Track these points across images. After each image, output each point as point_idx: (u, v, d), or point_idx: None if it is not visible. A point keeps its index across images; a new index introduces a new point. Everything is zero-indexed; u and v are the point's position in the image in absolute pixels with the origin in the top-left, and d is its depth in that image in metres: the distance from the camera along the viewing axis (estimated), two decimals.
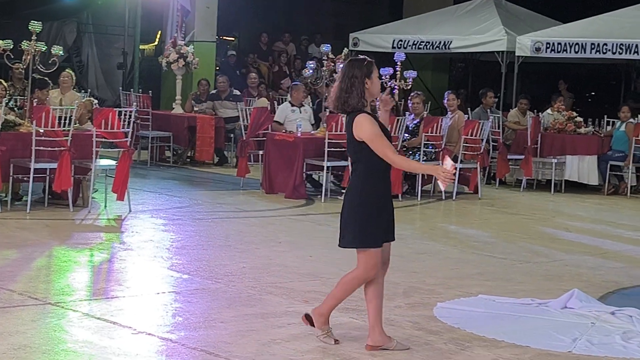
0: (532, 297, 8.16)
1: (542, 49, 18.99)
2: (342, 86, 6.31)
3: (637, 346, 6.85)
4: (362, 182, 6.35)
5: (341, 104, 6.34)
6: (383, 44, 21.48)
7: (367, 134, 6.24)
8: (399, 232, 11.18)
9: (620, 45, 18.20)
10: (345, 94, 6.28)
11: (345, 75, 6.32)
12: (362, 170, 6.34)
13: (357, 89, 6.27)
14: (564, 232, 12.07)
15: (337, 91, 6.34)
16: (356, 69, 6.31)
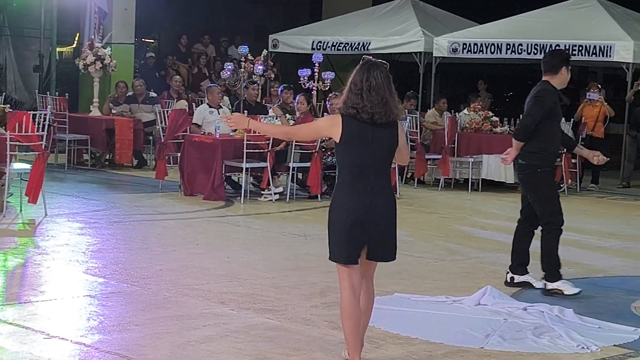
0: (446, 295, 8.28)
1: (459, 50, 19.22)
2: (391, 91, 5.78)
3: (548, 341, 6.98)
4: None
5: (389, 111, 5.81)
6: (302, 45, 21.55)
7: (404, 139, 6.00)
8: (317, 232, 11.33)
9: (535, 46, 18.50)
10: (394, 99, 5.82)
11: (388, 80, 5.78)
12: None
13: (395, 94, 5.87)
14: (480, 230, 12.24)
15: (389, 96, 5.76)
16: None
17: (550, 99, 8.63)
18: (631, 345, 6.98)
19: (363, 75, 5.78)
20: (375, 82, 5.74)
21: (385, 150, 5.85)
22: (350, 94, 5.80)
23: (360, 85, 5.77)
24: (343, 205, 5.82)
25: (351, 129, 5.80)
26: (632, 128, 17.66)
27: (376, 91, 5.74)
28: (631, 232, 12.57)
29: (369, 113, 5.75)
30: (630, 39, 17.72)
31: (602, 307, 8.19)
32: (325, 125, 6.01)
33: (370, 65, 5.82)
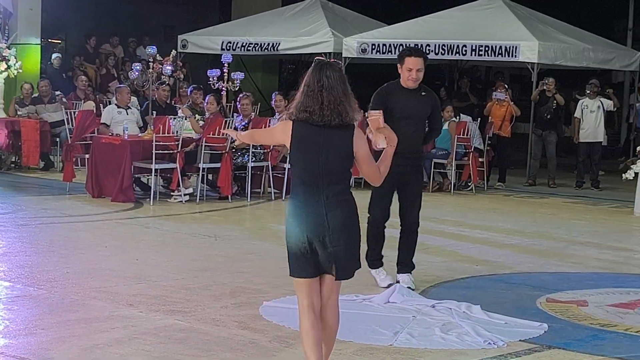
0: (356, 293, 8.31)
1: (367, 50, 19.35)
2: (345, 92, 5.43)
3: (456, 337, 7.07)
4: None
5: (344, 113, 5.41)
6: (212, 46, 21.47)
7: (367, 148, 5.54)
8: (227, 233, 11.29)
9: (443, 46, 18.72)
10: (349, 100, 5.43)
11: (342, 80, 5.45)
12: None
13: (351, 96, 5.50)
14: (390, 229, 12.26)
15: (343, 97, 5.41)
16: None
17: (380, 97, 8.65)
18: (537, 340, 7.10)
19: (315, 76, 5.38)
20: (328, 82, 5.36)
21: (340, 155, 5.41)
22: (303, 96, 5.39)
23: (312, 86, 5.36)
24: (296, 216, 5.42)
25: (301, 133, 5.39)
26: (537, 127, 17.97)
27: (329, 91, 5.35)
28: (537, 230, 12.79)
29: (321, 115, 5.35)
30: (534, 39, 18.04)
31: (509, 303, 8.31)
32: (278, 130, 5.58)
33: (322, 65, 5.45)
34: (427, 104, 8.65)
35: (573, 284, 9.24)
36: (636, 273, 10.09)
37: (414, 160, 8.57)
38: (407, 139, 8.33)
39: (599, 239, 12.20)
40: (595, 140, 17.74)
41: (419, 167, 8.80)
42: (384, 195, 8.65)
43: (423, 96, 8.63)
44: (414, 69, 8.48)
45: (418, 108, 8.59)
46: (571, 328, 7.53)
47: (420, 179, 8.88)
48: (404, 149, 8.33)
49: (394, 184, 8.44)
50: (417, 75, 8.50)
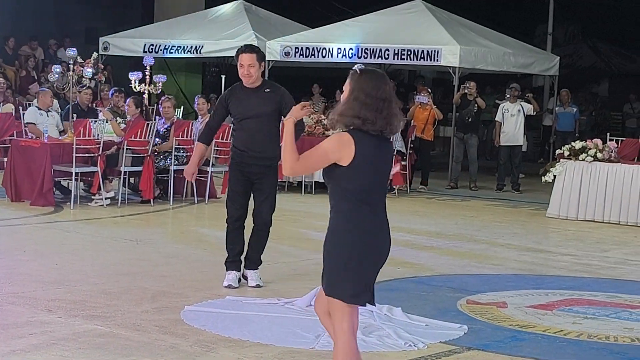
0: (278, 297, 8.31)
1: (291, 54, 19.37)
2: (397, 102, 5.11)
3: (377, 340, 7.10)
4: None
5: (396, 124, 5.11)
6: (134, 48, 21.31)
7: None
8: (149, 237, 11.21)
9: (366, 50, 18.83)
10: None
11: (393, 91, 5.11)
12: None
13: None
14: (313, 232, 12.33)
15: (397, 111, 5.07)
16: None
17: (220, 101, 8.77)
18: (456, 342, 7.17)
19: (376, 85, 4.99)
20: (386, 94, 5.00)
21: (387, 173, 5.20)
22: (362, 106, 4.94)
23: (373, 95, 4.95)
24: (361, 237, 5.04)
25: (364, 148, 4.95)
26: (459, 130, 18.16)
27: (389, 103, 5.00)
28: (458, 232, 12.91)
29: (380, 128, 4.99)
30: (456, 43, 18.22)
31: (430, 305, 8.38)
32: (333, 148, 4.96)
33: (378, 74, 5.08)
34: (272, 101, 8.58)
35: (493, 286, 9.35)
36: (554, 274, 10.25)
37: (263, 159, 8.58)
38: (253, 138, 8.51)
39: (519, 241, 12.37)
40: (516, 143, 17.98)
41: (270, 167, 8.68)
42: (237, 193, 8.71)
43: (267, 93, 8.61)
44: (245, 65, 8.49)
45: (260, 106, 8.56)
46: (490, 329, 7.61)
47: (272, 178, 8.76)
48: (251, 148, 8.54)
49: (246, 182, 8.62)
50: (250, 71, 8.50)
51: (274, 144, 8.58)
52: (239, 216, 8.76)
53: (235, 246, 8.84)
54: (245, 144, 8.62)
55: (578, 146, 14.58)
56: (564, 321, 7.98)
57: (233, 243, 8.84)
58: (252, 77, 8.51)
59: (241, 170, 8.67)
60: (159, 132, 14.33)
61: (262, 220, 8.77)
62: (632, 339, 7.49)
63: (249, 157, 8.53)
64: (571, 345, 7.26)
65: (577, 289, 9.33)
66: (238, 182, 8.70)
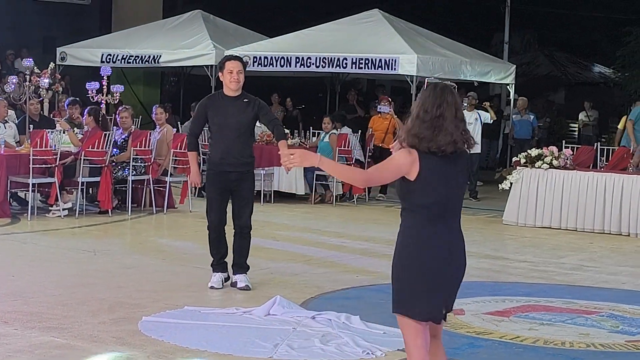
0: (237, 306, 8.31)
1: (249, 63, 19.34)
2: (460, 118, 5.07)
3: (335, 348, 7.12)
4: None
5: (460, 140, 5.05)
6: (91, 58, 21.20)
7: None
8: (106, 248, 11.16)
9: (324, 59, 18.88)
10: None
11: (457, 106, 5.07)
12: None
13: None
14: (272, 241, 12.35)
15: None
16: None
17: (200, 107, 9.04)
18: None
19: (435, 101, 4.97)
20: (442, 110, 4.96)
21: (462, 186, 5.18)
22: (420, 124, 4.95)
23: (431, 111, 4.95)
24: (429, 253, 4.98)
25: (429, 164, 4.95)
26: None
27: (444, 119, 4.96)
28: None
29: (440, 146, 4.95)
30: (413, 52, 18.31)
31: (388, 313, 8.26)
32: (404, 162, 4.98)
33: (441, 88, 5.04)
34: (249, 111, 8.89)
35: None
36: (511, 281, 10.33)
37: (242, 165, 8.87)
38: (231, 145, 8.83)
39: (477, 248, 12.43)
40: (473, 151, 18.02)
41: (248, 173, 8.98)
42: (217, 200, 9.01)
43: (245, 103, 8.91)
44: (234, 71, 8.82)
45: (239, 115, 8.85)
46: (448, 336, 7.61)
47: (249, 184, 9.05)
48: (228, 155, 8.83)
49: (224, 189, 8.92)
50: (239, 77, 8.84)
51: (249, 150, 9.00)
52: (219, 222, 9.05)
53: (219, 250, 9.16)
54: (224, 151, 8.92)
55: (534, 154, 14.71)
56: (521, 327, 8.05)
57: (216, 248, 9.15)
58: (240, 83, 8.88)
59: (220, 178, 8.93)
60: (116, 143, 14.28)
61: (244, 224, 9.07)
62: (588, 345, 7.57)
63: (228, 165, 8.86)
64: (528, 351, 7.32)
65: (533, 296, 9.41)
66: (217, 190, 8.99)
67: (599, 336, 7.85)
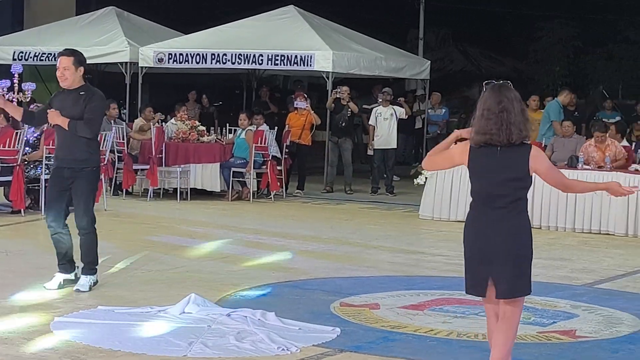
0: (151, 305, 8.25)
1: (164, 60, 19.23)
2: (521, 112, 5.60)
3: (250, 345, 7.11)
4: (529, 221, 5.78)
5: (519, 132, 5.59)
6: (3, 56, 20.82)
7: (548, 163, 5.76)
8: (19, 248, 10.98)
9: (240, 56, 18.83)
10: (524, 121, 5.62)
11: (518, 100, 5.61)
12: (525, 208, 5.72)
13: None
14: (188, 239, 12.28)
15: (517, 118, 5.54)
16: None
17: (50, 100, 8.94)
18: (329, 345, 7.23)
19: (496, 98, 5.56)
20: (507, 104, 5.53)
21: (509, 178, 5.55)
22: (483, 119, 5.54)
23: (493, 109, 5.52)
24: (468, 233, 5.66)
25: (477, 155, 5.56)
26: (333, 134, 18.31)
27: (508, 112, 5.51)
28: (333, 235, 13.01)
29: (500, 136, 5.50)
30: (329, 48, 18.36)
31: (303, 308, 8.43)
32: (457, 152, 5.70)
33: (499, 87, 5.63)
34: (80, 105, 8.68)
35: (366, 288, 9.45)
36: (426, 275, 10.43)
37: (73, 162, 8.67)
38: (64, 141, 8.70)
39: (392, 243, 12.54)
40: (389, 146, 18.23)
41: (82, 171, 8.72)
42: (52, 196, 8.87)
43: (79, 96, 8.75)
44: (60, 67, 8.72)
45: (70, 109, 8.68)
46: (363, 331, 7.70)
47: (83, 183, 8.76)
48: (61, 151, 8.73)
49: (60, 185, 8.72)
50: (64, 74, 8.70)
51: (83, 147, 8.68)
52: (53, 220, 8.82)
53: (57, 251, 8.94)
54: (58, 146, 8.87)
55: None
56: (435, 320, 8.13)
57: (56, 248, 8.94)
58: (67, 80, 8.71)
59: (55, 174, 8.87)
60: (28, 141, 14.07)
61: (78, 224, 8.83)
62: None
63: (61, 160, 8.72)
64: (441, 344, 7.40)
65: (447, 289, 9.49)
66: (52, 186, 8.92)
67: None
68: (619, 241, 13.20)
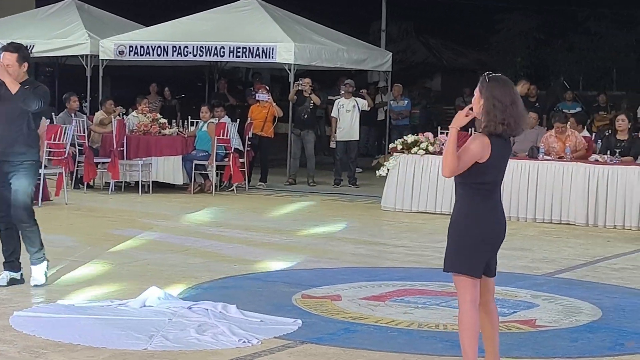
0: (112, 299, 8.20)
1: (125, 52, 19.12)
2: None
3: (211, 338, 7.08)
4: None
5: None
6: None
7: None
8: None
9: (201, 48, 18.77)
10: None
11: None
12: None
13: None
14: (149, 232, 12.22)
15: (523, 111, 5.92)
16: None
17: None
18: (290, 336, 7.22)
19: (506, 91, 5.80)
20: (516, 96, 5.85)
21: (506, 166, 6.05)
22: (497, 111, 5.74)
23: (505, 101, 5.76)
24: (489, 219, 5.90)
25: (496, 146, 5.79)
26: (296, 127, 18.30)
27: (517, 104, 5.83)
28: (296, 227, 13.01)
29: (515, 128, 5.81)
30: (290, 40, 18.35)
31: (265, 300, 8.42)
32: (479, 148, 5.76)
33: (504, 79, 5.87)
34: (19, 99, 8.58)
35: (328, 279, 9.46)
36: (388, 266, 10.46)
37: (12, 156, 8.58)
38: (3, 134, 8.58)
39: (355, 235, 12.56)
40: (351, 138, 18.26)
41: (21, 165, 8.63)
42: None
43: (26, 89, 8.58)
44: (3, 64, 8.58)
45: (12, 103, 8.55)
46: (324, 323, 7.70)
47: (21, 178, 8.64)
48: (2, 145, 8.58)
49: (3, 179, 8.61)
50: (7, 70, 8.54)
51: (24, 140, 8.62)
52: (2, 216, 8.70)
53: (6, 247, 8.82)
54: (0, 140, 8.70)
55: (410, 140, 14.89)
56: (396, 311, 8.14)
57: (2, 244, 8.84)
58: (12, 75, 8.54)
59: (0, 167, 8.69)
60: None
61: (18, 218, 8.69)
62: None
63: (2, 154, 8.60)
64: (402, 334, 7.41)
65: (409, 280, 9.54)
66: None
67: None
68: (579, 231, 13.31)
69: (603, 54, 28.75)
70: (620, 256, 11.44)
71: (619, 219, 13.55)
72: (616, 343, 7.36)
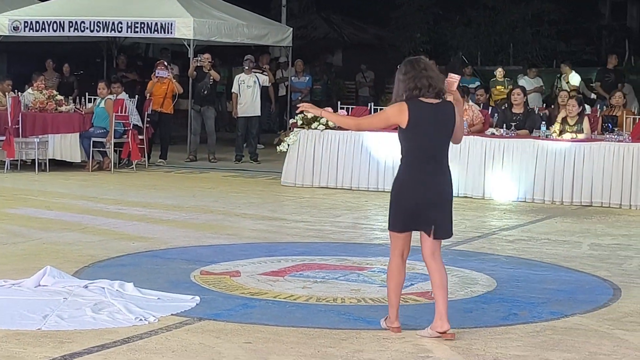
0: (5, 279, 8.05)
1: (20, 28, 18.73)
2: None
3: (107, 316, 7.01)
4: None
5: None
6: None
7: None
8: None
9: (98, 23, 18.50)
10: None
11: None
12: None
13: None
14: (45, 211, 12.03)
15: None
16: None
17: None
18: (188, 313, 7.18)
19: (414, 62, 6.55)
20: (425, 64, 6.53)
21: (446, 130, 6.55)
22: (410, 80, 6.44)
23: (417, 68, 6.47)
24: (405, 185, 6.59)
25: (416, 112, 6.43)
26: (196, 103, 18.18)
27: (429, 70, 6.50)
28: (195, 204, 12.94)
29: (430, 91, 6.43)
30: (189, 15, 18.20)
31: (163, 278, 8.36)
32: (394, 113, 6.51)
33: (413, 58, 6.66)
34: None
35: (227, 256, 9.43)
36: (288, 241, 10.47)
37: None
38: None
39: (255, 210, 12.55)
40: (253, 114, 18.20)
41: None
42: None
43: None
44: None
45: None
46: (222, 299, 7.68)
47: None
48: None
49: None
50: None
51: None
52: None
53: None
54: None
55: (310, 115, 14.89)
56: (295, 286, 8.16)
57: None
58: None
59: None
60: None
61: None
62: (359, 300, 7.77)
63: None
64: (300, 309, 7.43)
65: (308, 255, 9.57)
66: None
67: (370, 291, 8.06)
68: (476, 204, 13.50)
69: (500, 29, 29.09)
70: (516, 228, 11.66)
71: (514, 191, 13.79)
72: (509, 313, 7.50)
